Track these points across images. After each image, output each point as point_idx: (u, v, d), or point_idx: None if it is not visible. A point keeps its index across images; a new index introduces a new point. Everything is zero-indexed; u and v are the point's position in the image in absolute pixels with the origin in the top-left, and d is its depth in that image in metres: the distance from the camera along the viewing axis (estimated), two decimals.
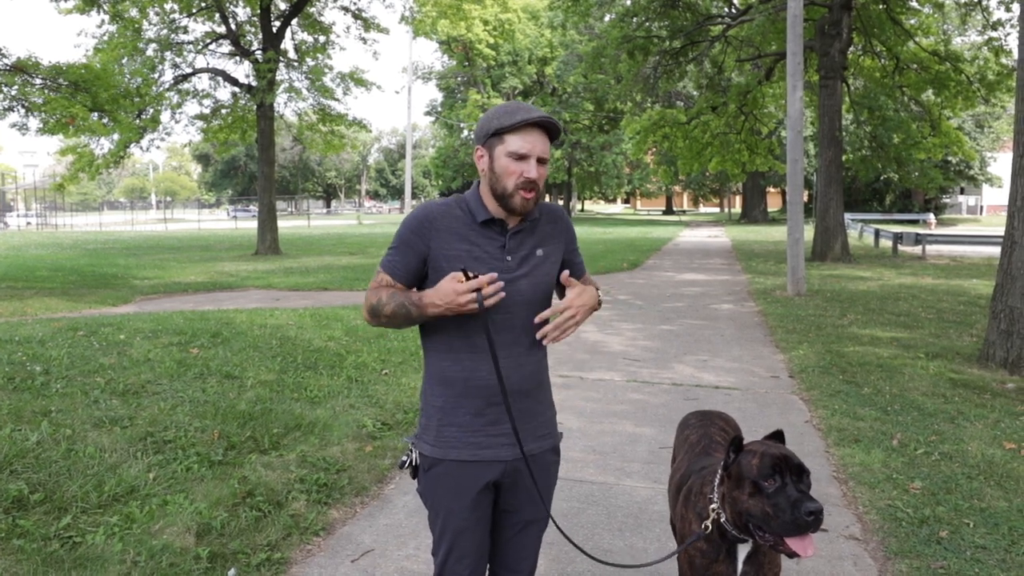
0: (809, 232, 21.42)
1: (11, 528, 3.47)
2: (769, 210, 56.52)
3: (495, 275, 1.98)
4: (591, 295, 2.17)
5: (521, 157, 2.05)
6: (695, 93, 32.58)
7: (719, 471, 2.21)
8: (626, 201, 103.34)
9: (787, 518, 1.98)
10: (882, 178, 40.65)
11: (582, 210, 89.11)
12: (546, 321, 2.16)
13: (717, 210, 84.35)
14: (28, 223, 60.82)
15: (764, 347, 8.77)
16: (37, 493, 3.80)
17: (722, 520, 2.15)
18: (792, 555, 2.00)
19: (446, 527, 2.17)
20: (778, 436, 2.25)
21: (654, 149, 34.19)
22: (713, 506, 2.18)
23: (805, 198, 48.85)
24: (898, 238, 23.52)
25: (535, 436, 2.20)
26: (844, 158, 22.26)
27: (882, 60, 22.55)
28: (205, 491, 4.04)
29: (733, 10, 24.88)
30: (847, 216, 27.78)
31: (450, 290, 1.96)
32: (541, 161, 2.08)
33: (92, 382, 5.70)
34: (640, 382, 7.09)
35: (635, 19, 23.72)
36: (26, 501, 3.73)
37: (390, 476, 4.65)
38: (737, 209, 65.38)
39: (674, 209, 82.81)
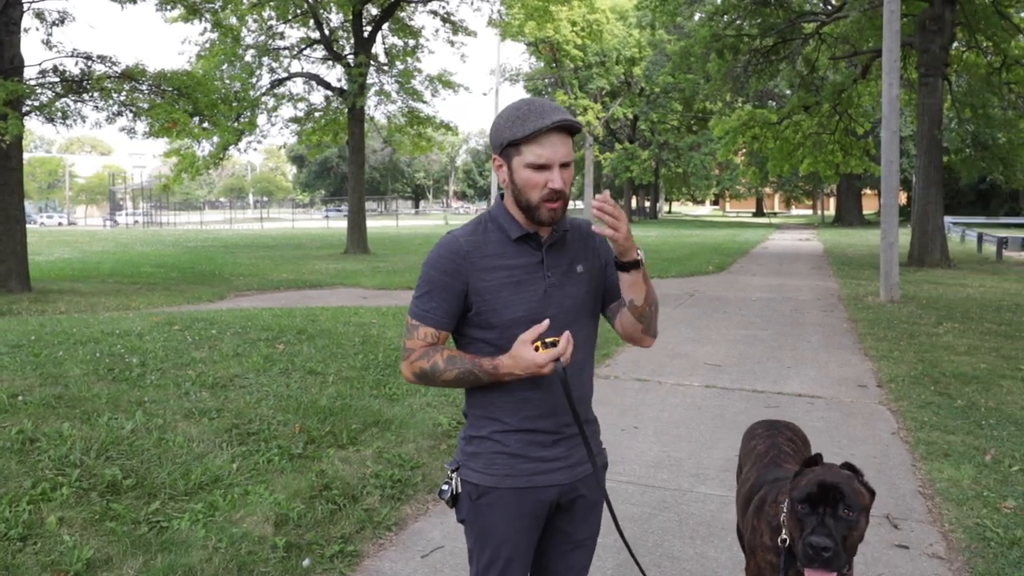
0: (907, 236, 20.57)
1: (105, 511, 3.68)
2: (864, 213, 54.51)
3: (568, 334, 1.89)
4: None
5: (541, 167, 1.89)
6: (787, 92, 31.75)
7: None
8: (715, 203, 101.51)
9: (799, 546, 1.96)
10: (988, 179, 38.67)
11: (669, 212, 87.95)
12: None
13: (809, 213, 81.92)
14: (135, 221, 64.03)
15: (852, 355, 8.48)
16: (129, 479, 4.02)
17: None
18: None
19: (496, 557, 2.05)
20: (850, 467, 2.16)
21: (744, 150, 33.48)
22: (783, 517, 2.15)
23: (903, 200, 46.94)
24: (1003, 243, 22.39)
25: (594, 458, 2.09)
26: (945, 159, 21.29)
27: (988, 56, 21.46)
28: (284, 483, 4.18)
29: (828, 6, 24.14)
30: (949, 220, 26.58)
31: (531, 361, 1.86)
32: (564, 166, 1.92)
33: (184, 374, 5.98)
34: (720, 388, 6.96)
35: (725, 17, 23.27)
36: (119, 486, 3.94)
37: None
38: (830, 212, 63.33)
39: (764, 211, 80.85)
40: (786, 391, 6.85)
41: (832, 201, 64.78)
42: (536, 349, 1.87)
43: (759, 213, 79.41)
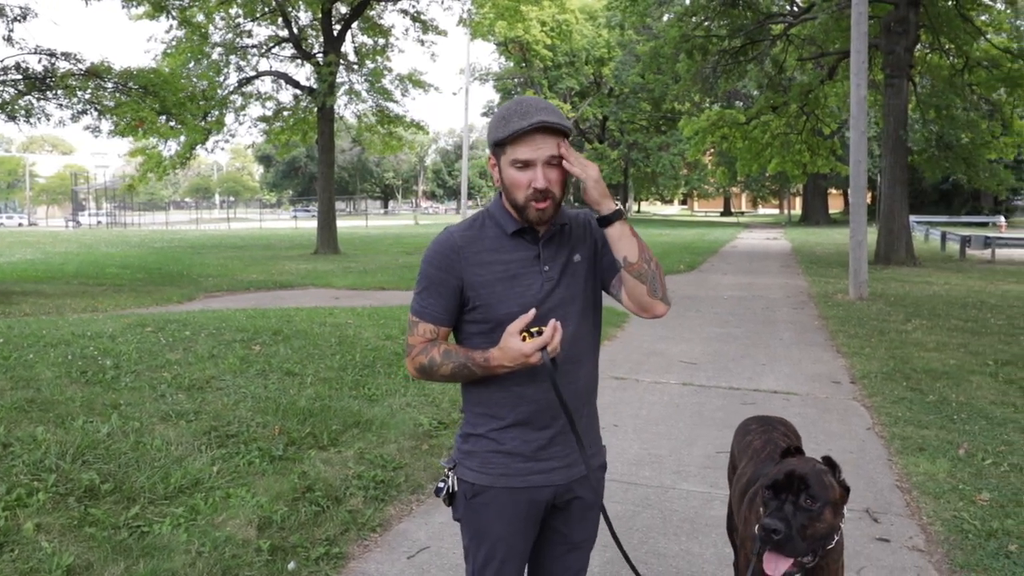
0: (873, 235, 20.91)
1: (83, 516, 3.61)
2: (830, 212, 55.30)
3: (554, 322, 1.88)
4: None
5: (526, 164, 1.89)
6: (755, 93, 32.11)
7: None
8: (683, 203, 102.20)
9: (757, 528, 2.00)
10: (950, 179, 39.45)
11: (638, 211, 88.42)
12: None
13: (776, 212, 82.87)
14: (99, 222, 62.90)
15: (824, 352, 8.59)
16: (107, 483, 3.95)
17: None
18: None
19: (492, 555, 2.05)
20: (829, 462, 2.19)
21: (712, 150, 33.77)
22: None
23: (868, 200, 47.89)
24: (966, 241, 22.82)
25: (587, 456, 2.07)
26: (910, 159, 21.67)
27: (951, 58, 21.87)
28: (266, 485, 4.14)
29: (795, 8, 24.44)
30: (912, 219, 27.05)
31: (518, 351, 1.86)
32: (551, 165, 1.90)
33: (159, 376, 5.89)
34: (697, 386, 7.01)
35: (694, 18, 23.46)
36: (97, 491, 3.87)
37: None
38: (797, 211, 64.13)
39: (732, 211, 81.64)
40: (762, 388, 6.92)
41: (798, 201, 65.56)
42: (523, 339, 1.87)
43: (727, 213, 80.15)
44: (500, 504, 2.02)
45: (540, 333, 1.86)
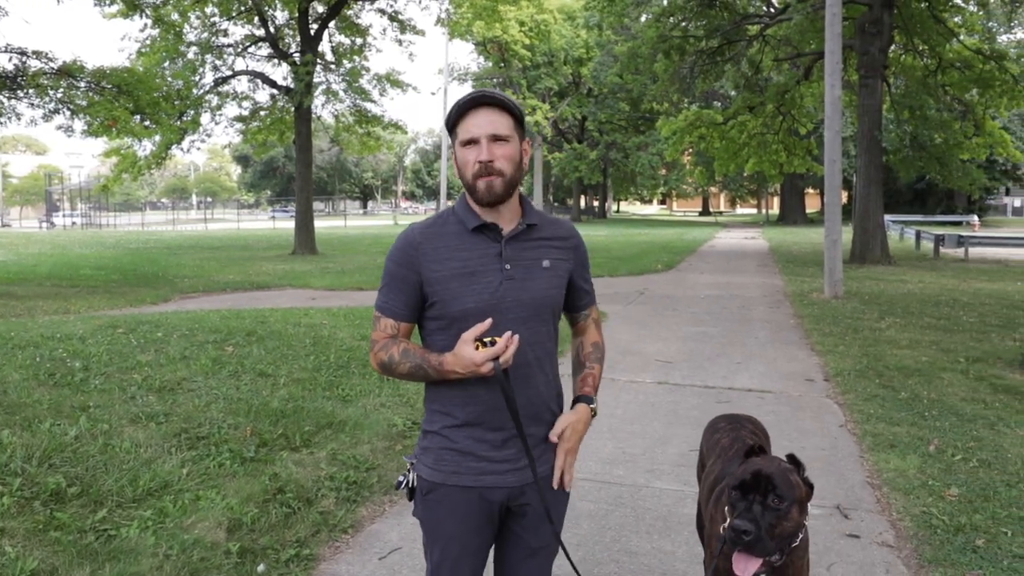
0: (848, 234, 21.11)
1: (48, 520, 3.56)
2: (807, 211, 55.75)
3: (511, 334, 1.86)
4: (583, 421, 2.08)
5: (469, 143, 1.92)
6: (732, 93, 32.30)
7: None
8: (662, 202, 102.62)
9: (726, 529, 2.01)
10: (925, 179, 39.90)
11: (617, 211, 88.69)
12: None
13: (754, 211, 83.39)
14: (73, 223, 62.10)
15: (799, 350, 8.65)
16: (74, 486, 3.89)
17: None
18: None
19: (445, 554, 2.04)
20: (793, 460, 2.21)
21: (690, 150, 33.93)
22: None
23: (844, 199, 48.28)
24: (940, 240, 23.08)
25: (546, 460, 2.07)
26: (884, 159, 21.87)
27: (924, 59, 22.11)
28: (237, 487, 4.10)
29: (771, 9, 24.60)
30: (887, 218, 27.31)
31: (469, 360, 1.85)
32: (497, 139, 1.92)
33: (130, 378, 5.82)
34: (672, 384, 7.04)
35: (671, 19, 23.55)
36: (64, 494, 3.81)
37: None
38: (775, 211, 64.59)
39: (710, 211, 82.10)
40: (736, 386, 6.95)
41: (776, 200, 66.03)
42: (477, 348, 1.85)
43: (705, 212, 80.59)
44: (452, 502, 2.01)
45: (493, 343, 1.84)
